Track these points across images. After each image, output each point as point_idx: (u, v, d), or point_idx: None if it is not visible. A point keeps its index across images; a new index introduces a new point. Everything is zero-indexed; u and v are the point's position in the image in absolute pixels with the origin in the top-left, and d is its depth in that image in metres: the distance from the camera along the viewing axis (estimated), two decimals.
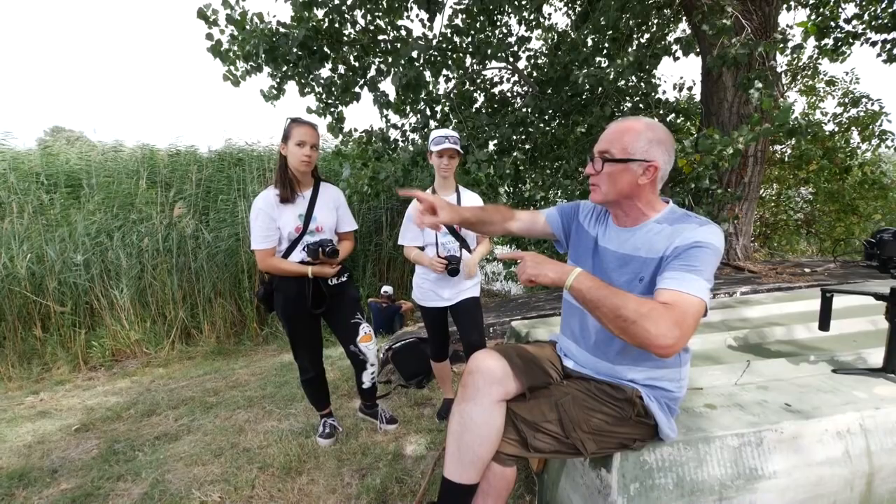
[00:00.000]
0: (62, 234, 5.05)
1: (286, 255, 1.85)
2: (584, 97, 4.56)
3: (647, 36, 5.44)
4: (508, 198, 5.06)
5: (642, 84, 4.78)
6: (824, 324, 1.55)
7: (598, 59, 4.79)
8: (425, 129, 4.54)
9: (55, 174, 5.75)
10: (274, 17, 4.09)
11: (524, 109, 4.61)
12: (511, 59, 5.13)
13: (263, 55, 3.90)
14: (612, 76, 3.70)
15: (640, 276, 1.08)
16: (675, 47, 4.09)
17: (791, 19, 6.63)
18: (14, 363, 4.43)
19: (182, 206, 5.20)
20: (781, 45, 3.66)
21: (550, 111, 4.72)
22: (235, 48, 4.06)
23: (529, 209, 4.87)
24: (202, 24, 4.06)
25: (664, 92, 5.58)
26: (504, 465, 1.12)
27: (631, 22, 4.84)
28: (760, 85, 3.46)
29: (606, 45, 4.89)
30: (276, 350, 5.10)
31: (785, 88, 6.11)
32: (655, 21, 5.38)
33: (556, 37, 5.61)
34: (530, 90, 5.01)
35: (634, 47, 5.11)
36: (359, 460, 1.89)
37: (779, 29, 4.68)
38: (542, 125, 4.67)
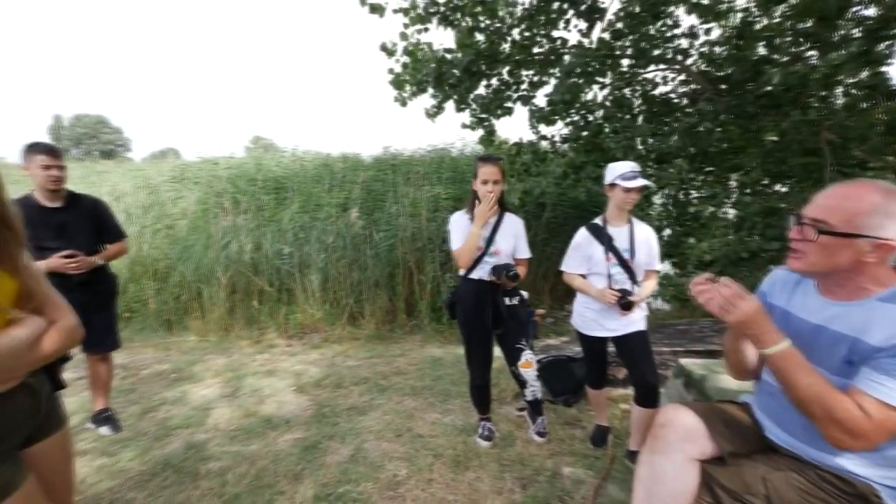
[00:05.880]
0: (271, 230, 6.60)
1: (468, 272, 2.13)
2: (775, 95, 3.85)
3: (872, 9, 4.26)
4: (667, 210, 4.62)
5: (864, 73, 3.80)
6: None
7: (794, 48, 3.97)
8: (579, 141, 4.47)
9: (267, 179, 7.50)
10: (441, 45, 4.54)
11: (694, 114, 4.11)
12: (679, 57, 4.64)
13: (432, 80, 4.37)
14: (821, 74, 3.06)
15: (851, 360, 0.97)
16: None
17: None
18: (243, 326, 5.97)
19: (357, 212, 6.21)
20: None
21: (725, 114, 4.11)
22: (407, 76, 4.64)
23: (694, 226, 4.37)
24: (359, 38, 4.76)
25: None
26: None
27: None
28: None
29: (810, 28, 4.01)
30: (421, 341, 5.73)
31: None
32: None
33: (737, 24, 4.83)
34: (701, 90, 4.46)
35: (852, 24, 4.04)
36: (519, 469, 2.06)
37: None
38: (717, 130, 4.09)
